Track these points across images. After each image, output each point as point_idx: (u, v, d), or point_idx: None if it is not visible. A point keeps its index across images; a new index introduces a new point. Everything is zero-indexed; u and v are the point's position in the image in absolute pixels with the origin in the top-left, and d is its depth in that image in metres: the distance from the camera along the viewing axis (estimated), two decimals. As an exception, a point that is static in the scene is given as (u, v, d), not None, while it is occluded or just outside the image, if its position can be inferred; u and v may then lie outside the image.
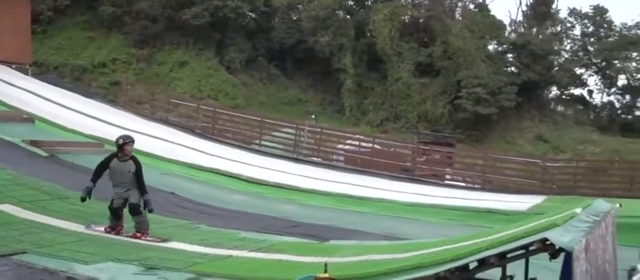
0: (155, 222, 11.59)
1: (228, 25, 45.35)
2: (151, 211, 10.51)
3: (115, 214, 10.47)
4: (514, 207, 18.72)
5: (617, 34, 54.35)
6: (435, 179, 27.68)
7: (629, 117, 55.51)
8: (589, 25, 55.21)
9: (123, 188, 10.38)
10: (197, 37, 44.63)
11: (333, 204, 17.81)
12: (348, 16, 50.09)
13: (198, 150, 23.70)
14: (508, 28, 53.68)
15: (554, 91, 55.36)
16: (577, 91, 56.30)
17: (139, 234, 10.32)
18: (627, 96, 55.73)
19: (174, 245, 9.99)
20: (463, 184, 28.03)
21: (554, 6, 54.48)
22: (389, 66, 46.55)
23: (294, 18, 50.68)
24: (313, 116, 40.21)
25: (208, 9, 43.24)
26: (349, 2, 51.46)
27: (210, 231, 11.79)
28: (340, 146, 30.13)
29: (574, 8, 55.27)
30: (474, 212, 17.77)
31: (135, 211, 10.38)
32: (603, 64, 54.56)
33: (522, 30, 53.52)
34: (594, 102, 56.76)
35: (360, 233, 13.21)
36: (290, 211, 16.00)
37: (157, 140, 23.72)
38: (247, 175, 20.36)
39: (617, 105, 56.57)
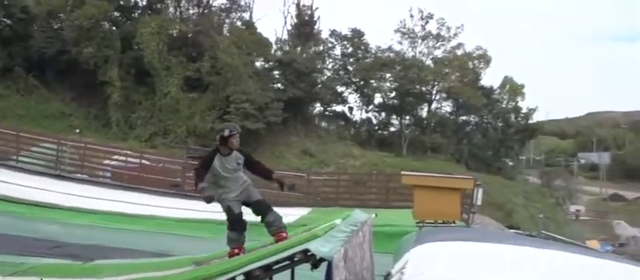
0: None
1: (-21, 32, 41.96)
2: (292, 188, 8.75)
3: (240, 225, 8.46)
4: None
5: (372, 56, 58.63)
6: (205, 194, 27.70)
7: (385, 132, 60.24)
8: (348, 46, 58.96)
9: (234, 190, 8.42)
10: (-60, 43, 40.72)
11: (100, 223, 17.09)
12: (114, 28, 48.69)
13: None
14: (274, 46, 55.69)
15: (319, 108, 58.36)
16: (339, 108, 59.89)
17: (283, 234, 8.29)
18: (383, 114, 60.40)
19: None
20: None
21: (316, 27, 57.45)
22: (157, 80, 45.95)
23: (56, 27, 48.06)
24: (77, 130, 38.47)
25: (-46, 12, 39.71)
26: (115, 14, 49.93)
27: (-42, 257, 10.78)
28: (107, 161, 29.05)
29: (335, 30, 58.82)
30: (244, 225, 17.99)
31: (265, 208, 8.47)
32: (361, 83, 58.51)
33: (288, 48, 55.62)
34: (354, 119, 60.84)
35: (128, 252, 12.84)
36: (51, 231, 15.11)
37: None
38: (1, 193, 18.88)
39: (375, 121, 61.10)
